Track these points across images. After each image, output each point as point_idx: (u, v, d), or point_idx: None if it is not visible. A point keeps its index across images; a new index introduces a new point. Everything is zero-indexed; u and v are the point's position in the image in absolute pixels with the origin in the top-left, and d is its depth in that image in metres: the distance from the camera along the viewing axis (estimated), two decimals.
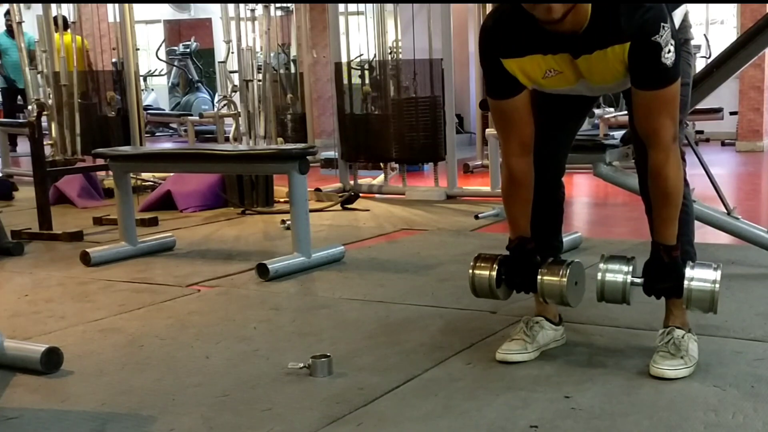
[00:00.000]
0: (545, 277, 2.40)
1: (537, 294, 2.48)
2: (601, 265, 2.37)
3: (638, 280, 2.35)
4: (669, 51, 2.13)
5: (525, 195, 2.44)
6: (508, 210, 2.49)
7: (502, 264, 2.47)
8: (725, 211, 3.50)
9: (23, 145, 9.46)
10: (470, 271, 2.48)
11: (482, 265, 2.48)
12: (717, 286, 2.26)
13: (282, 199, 5.86)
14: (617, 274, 2.34)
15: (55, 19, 7.15)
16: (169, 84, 15.69)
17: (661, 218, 2.31)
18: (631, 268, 2.35)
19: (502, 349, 2.47)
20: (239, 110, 6.66)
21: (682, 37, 2.38)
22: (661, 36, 2.11)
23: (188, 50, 14.89)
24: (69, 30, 7.29)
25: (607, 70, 2.22)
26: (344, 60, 6.58)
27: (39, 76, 7.17)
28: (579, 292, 2.45)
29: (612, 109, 9.19)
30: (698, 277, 2.28)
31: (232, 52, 6.70)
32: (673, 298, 2.39)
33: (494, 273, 2.44)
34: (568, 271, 2.39)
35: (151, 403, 2.24)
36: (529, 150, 2.39)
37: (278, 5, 9.78)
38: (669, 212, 2.29)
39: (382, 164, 6.72)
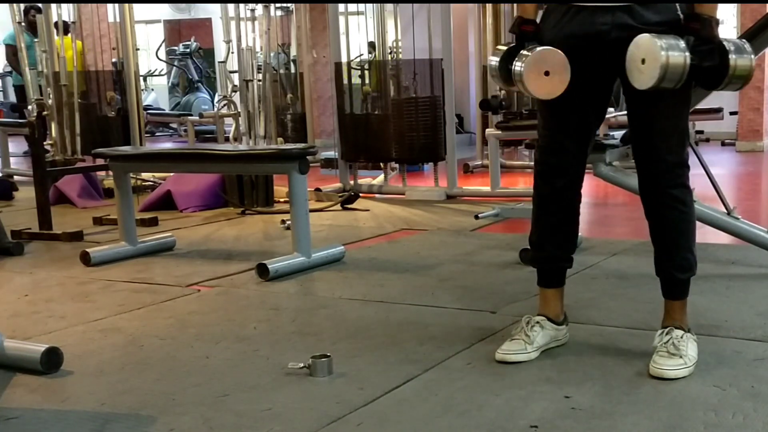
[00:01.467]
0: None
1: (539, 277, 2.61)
2: (661, 43, 2.20)
3: (694, 60, 2.25)
4: None
5: None
6: None
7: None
8: (725, 211, 3.49)
9: (23, 146, 9.48)
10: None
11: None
12: (753, 57, 2.30)
13: (282, 199, 5.86)
14: (678, 51, 2.22)
15: (56, 24, 7.15)
16: (169, 84, 15.70)
17: None
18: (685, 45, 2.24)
19: (502, 349, 2.47)
20: (239, 110, 6.66)
21: None
22: None
23: (188, 50, 14.89)
24: (69, 34, 7.30)
25: None
26: (344, 60, 6.58)
27: (39, 76, 7.17)
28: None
29: (612, 109, 9.18)
30: (739, 54, 2.27)
31: (232, 52, 6.70)
32: (669, 299, 2.43)
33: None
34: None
35: (151, 403, 2.24)
36: None
37: (278, 5, 9.77)
38: None
39: (382, 164, 6.72)
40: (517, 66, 2.34)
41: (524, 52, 2.35)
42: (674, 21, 2.29)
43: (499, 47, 2.48)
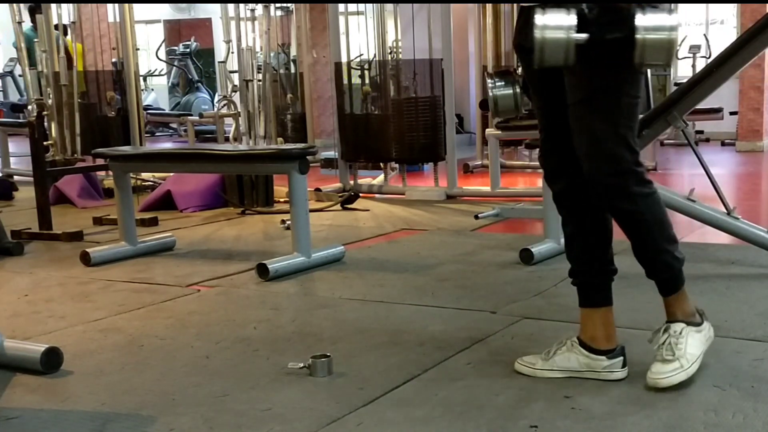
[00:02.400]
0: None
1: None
2: (537, 19, 2.01)
3: (582, 36, 2.00)
4: None
5: None
6: None
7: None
8: (725, 211, 3.50)
9: (23, 146, 9.47)
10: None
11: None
12: (674, 33, 1.98)
13: (282, 199, 5.86)
14: (557, 30, 2.00)
15: (56, 26, 7.15)
16: (169, 84, 15.70)
17: None
18: (573, 21, 2.00)
19: (521, 358, 2.39)
20: (239, 110, 6.66)
21: None
22: None
23: (188, 50, 14.89)
24: (68, 36, 7.30)
25: None
26: (344, 60, 6.58)
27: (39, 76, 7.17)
28: None
29: None
30: (652, 25, 1.98)
31: (232, 52, 6.70)
32: (663, 296, 2.30)
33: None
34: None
35: (151, 403, 2.24)
36: None
37: (278, 5, 9.77)
38: None
39: (382, 164, 6.72)
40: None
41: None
42: None
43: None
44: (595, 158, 2.16)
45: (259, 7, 7.44)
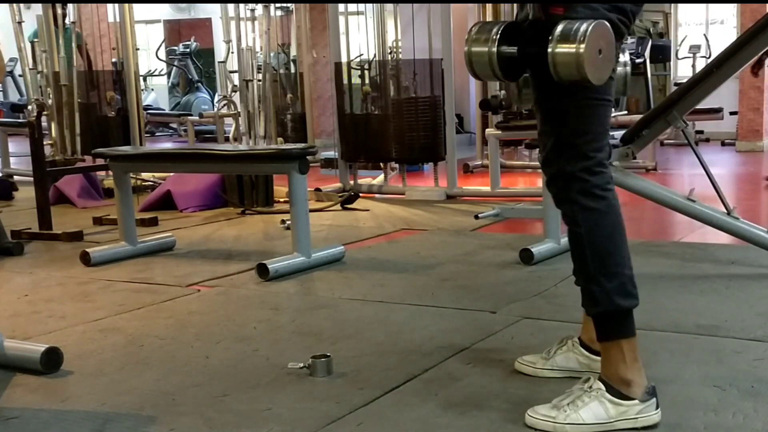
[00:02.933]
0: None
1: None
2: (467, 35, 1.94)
3: (509, 49, 1.91)
4: None
5: None
6: None
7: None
8: (725, 211, 3.50)
9: (23, 146, 9.47)
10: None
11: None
12: (582, 47, 1.79)
13: (282, 199, 5.86)
14: (480, 41, 1.92)
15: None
16: (169, 84, 15.71)
17: None
18: (497, 34, 1.90)
19: (521, 357, 2.38)
20: (239, 110, 6.66)
21: None
22: None
23: (188, 50, 14.89)
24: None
25: None
26: (344, 60, 6.58)
27: (39, 75, 7.17)
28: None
29: (612, 109, 9.16)
30: (562, 36, 1.82)
31: (232, 52, 6.70)
32: (599, 338, 2.04)
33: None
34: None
35: (151, 403, 2.24)
36: None
37: (278, 5, 9.77)
38: None
39: (382, 164, 6.72)
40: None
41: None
42: None
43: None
44: (544, 158, 2.05)
45: (259, 7, 7.44)
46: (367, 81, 6.68)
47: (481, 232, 4.76)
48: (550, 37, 1.83)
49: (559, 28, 1.83)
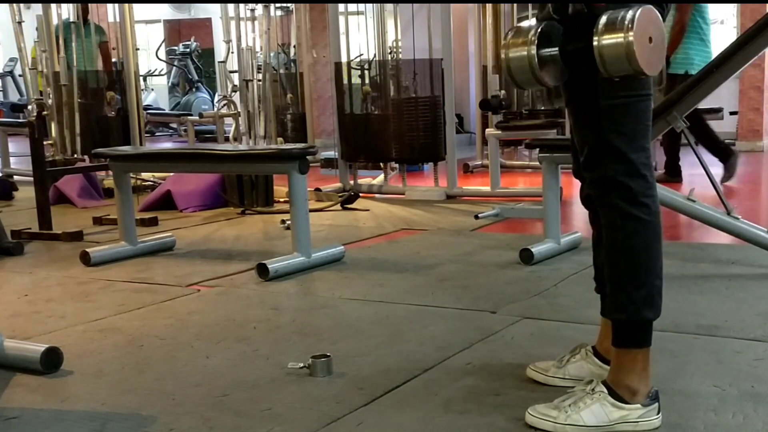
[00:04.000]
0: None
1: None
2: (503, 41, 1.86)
3: (550, 50, 1.82)
4: None
5: None
6: None
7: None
8: (725, 211, 3.50)
9: (23, 146, 9.47)
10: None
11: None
12: (631, 35, 1.70)
13: (282, 199, 5.86)
14: (519, 44, 1.82)
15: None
16: (169, 84, 15.71)
17: None
18: (535, 35, 1.80)
19: (534, 363, 2.33)
20: (239, 110, 6.66)
21: None
22: None
23: (188, 50, 14.90)
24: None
25: None
26: (344, 60, 6.58)
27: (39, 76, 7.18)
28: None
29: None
30: (606, 28, 1.73)
31: (232, 52, 6.70)
32: (614, 344, 1.99)
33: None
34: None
35: (151, 403, 2.24)
36: None
37: (278, 5, 9.77)
38: None
39: (382, 164, 6.72)
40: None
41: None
42: None
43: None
44: (584, 162, 1.98)
45: (259, 7, 7.45)
46: (367, 81, 6.69)
47: (481, 232, 4.76)
48: (594, 30, 1.73)
49: (604, 18, 1.73)
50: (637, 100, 1.91)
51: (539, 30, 1.82)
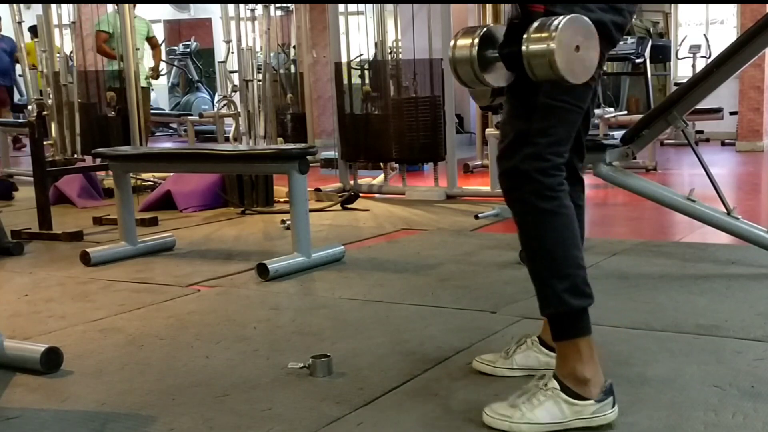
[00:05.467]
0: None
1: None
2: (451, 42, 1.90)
3: (494, 53, 1.87)
4: None
5: None
6: None
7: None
8: (725, 211, 3.50)
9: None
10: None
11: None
12: (552, 43, 1.72)
13: (282, 199, 5.86)
14: (464, 46, 1.87)
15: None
16: (169, 84, 15.71)
17: None
18: (477, 37, 1.85)
19: (479, 356, 2.39)
20: (239, 110, 6.66)
21: None
22: None
23: (188, 50, 14.90)
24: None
25: None
26: (344, 60, 6.58)
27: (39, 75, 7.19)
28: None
29: (612, 109, 9.20)
30: (535, 33, 1.75)
31: (232, 52, 6.71)
32: (554, 338, 2.02)
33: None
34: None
35: (151, 403, 2.24)
36: None
37: (278, 5, 9.77)
38: None
39: (382, 164, 6.72)
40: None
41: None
42: None
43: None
44: (503, 149, 2.00)
45: (259, 7, 7.45)
46: (367, 81, 6.69)
47: (481, 232, 4.75)
48: (525, 35, 1.77)
49: (535, 24, 1.77)
50: (572, 109, 1.96)
51: (482, 33, 1.88)
